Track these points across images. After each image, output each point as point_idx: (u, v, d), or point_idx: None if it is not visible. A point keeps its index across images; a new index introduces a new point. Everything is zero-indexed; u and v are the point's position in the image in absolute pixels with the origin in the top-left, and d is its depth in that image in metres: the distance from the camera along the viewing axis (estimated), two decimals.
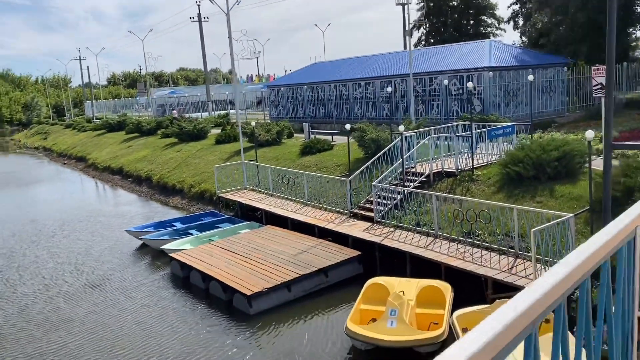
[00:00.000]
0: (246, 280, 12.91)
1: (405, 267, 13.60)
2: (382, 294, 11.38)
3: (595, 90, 13.30)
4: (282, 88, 39.73)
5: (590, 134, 10.84)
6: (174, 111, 44.91)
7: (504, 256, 12.02)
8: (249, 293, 12.25)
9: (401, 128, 16.06)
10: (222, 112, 46.86)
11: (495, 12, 49.88)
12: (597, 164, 13.92)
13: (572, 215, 10.90)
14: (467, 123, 19.24)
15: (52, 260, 18.11)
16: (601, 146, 14.88)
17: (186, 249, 16.21)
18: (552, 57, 30.43)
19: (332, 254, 14.32)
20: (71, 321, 13.08)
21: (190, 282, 14.81)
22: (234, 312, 12.82)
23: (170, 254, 15.80)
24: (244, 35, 29.75)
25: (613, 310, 1.88)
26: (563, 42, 33.85)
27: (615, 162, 13.51)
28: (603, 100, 13.66)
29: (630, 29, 38.15)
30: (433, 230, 13.89)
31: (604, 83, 13.94)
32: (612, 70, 8.31)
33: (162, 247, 16.95)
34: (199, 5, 47.07)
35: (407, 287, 11.63)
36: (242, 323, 12.31)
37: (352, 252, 14.39)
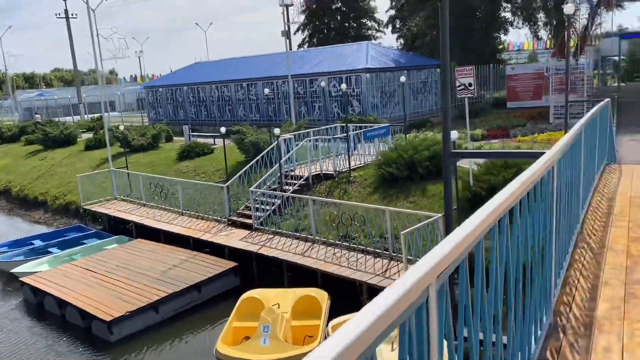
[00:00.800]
0: (106, 304, 11.60)
1: (283, 276, 13.08)
2: (257, 309, 10.73)
3: (459, 91, 13.70)
4: (160, 89, 37.68)
5: (454, 134, 11.01)
6: (37, 115, 40.84)
7: (378, 259, 11.91)
8: (108, 319, 10.98)
9: (277, 131, 15.55)
10: (96, 115, 43.57)
11: (375, 15, 51.42)
12: (464, 162, 14.41)
13: (440, 215, 11.01)
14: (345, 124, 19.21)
15: None
16: (467, 144, 15.45)
17: (41, 271, 14.41)
18: (425, 59, 31.74)
19: (207, 267, 13.41)
20: None
21: (45, 309, 13.12)
22: (94, 341, 11.46)
23: (21, 278, 13.93)
24: (114, 33, 27.57)
25: None
26: (436, 45, 35.48)
27: (480, 161, 14.03)
28: (466, 100, 14.15)
29: (495, 33, 41.09)
30: (311, 235, 13.52)
31: (469, 84, 14.44)
32: (448, 76, 8.32)
33: (13, 270, 14.93)
34: (65, 1, 43.28)
35: (283, 299, 11.10)
36: (103, 352, 11.04)
37: (228, 264, 13.58)
